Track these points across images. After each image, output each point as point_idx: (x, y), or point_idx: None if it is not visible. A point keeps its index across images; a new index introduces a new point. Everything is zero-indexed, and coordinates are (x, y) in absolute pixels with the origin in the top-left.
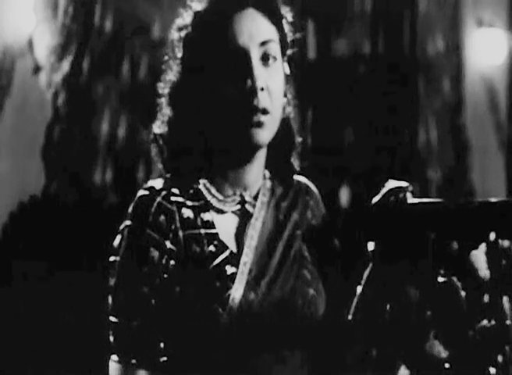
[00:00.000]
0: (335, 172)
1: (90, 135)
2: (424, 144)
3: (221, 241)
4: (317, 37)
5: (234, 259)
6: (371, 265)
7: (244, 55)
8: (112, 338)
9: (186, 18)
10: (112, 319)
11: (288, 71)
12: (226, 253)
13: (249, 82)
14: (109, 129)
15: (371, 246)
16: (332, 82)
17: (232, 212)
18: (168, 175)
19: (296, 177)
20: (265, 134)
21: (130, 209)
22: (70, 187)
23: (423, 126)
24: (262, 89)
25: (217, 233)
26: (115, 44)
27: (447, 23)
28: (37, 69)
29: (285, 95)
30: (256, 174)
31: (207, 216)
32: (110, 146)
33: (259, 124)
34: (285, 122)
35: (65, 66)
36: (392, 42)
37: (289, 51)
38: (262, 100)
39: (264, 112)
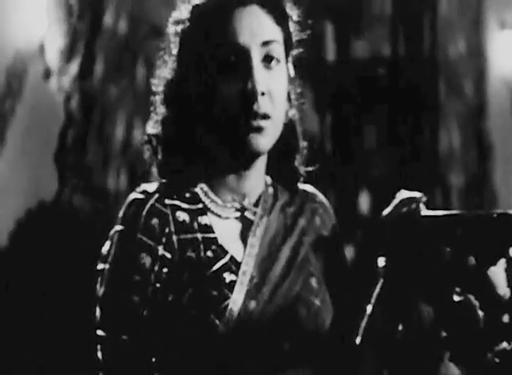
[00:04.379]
0: (354, 177)
1: (103, 139)
2: (445, 148)
3: (220, 246)
4: (336, 39)
5: (234, 266)
6: (381, 281)
7: (245, 54)
8: (99, 354)
9: (183, 11)
10: (100, 332)
11: (292, 73)
12: (226, 259)
13: (249, 85)
14: (124, 133)
15: (381, 261)
16: (351, 85)
17: (232, 218)
18: (163, 180)
19: (303, 186)
20: (265, 141)
21: (121, 213)
22: (83, 193)
23: (445, 130)
24: (263, 94)
25: (216, 238)
26: (129, 47)
27: (469, 24)
28: (48, 73)
29: (288, 98)
30: (256, 181)
31: (204, 220)
32: (124, 151)
33: (259, 129)
34: (288, 125)
35: (77, 69)
36: (412, 44)
37: (294, 52)
38: (263, 105)
39: (265, 117)
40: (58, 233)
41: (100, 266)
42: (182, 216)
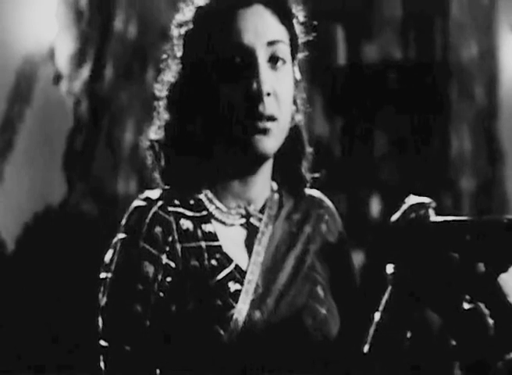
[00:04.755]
0: (364, 182)
1: (113, 144)
2: (456, 152)
3: (224, 254)
4: (346, 42)
5: (239, 275)
6: (389, 289)
7: (250, 54)
8: (102, 365)
9: (186, 13)
10: (103, 343)
11: (298, 76)
12: (231, 267)
13: (254, 85)
14: (133, 138)
15: (389, 268)
16: (362, 89)
17: (237, 225)
18: (166, 186)
19: (309, 191)
20: (271, 143)
21: (123, 221)
22: (92, 198)
23: (455, 134)
24: (269, 94)
25: (220, 246)
26: (139, 51)
27: (480, 28)
28: (58, 77)
29: (294, 102)
30: (261, 186)
31: (208, 228)
32: (134, 155)
33: (264, 131)
34: (294, 130)
35: (87, 74)
36: (423, 48)
37: (300, 55)
38: (268, 106)
39: (271, 118)
40: (65, 238)
41: (102, 275)
42: (186, 223)
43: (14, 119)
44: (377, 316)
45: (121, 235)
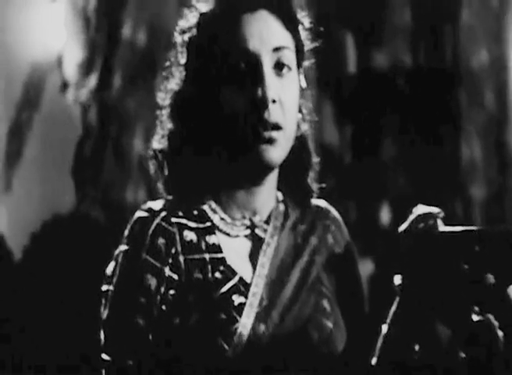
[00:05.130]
0: (374, 190)
1: (121, 152)
2: (467, 160)
3: (228, 267)
4: (356, 50)
5: (243, 287)
6: (397, 300)
7: (255, 61)
8: None
9: (190, 19)
10: (105, 357)
11: (304, 84)
12: (235, 280)
13: (259, 92)
14: (142, 145)
15: (397, 279)
16: (372, 96)
17: (242, 236)
18: (169, 197)
19: (315, 201)
20: (277, 152)
21: (126, 232)
22: (100, 206)
23: (466, 141)
24: (274, 101)
25: (224, 258)
26: (148, 59)
27: (491, 34)
28: (65, 85)
29: (300, 111)
30: (267, 197)
31: (212, 239)
32: (142, 163)
33: (270, 140)
34: (300, 140)
35: (95, 81)
36: (433, 54)
37: (305, 62)
38: (274, 113)
39: (276, 127)
40: (73, 247)
41: (104, 288)
42: (189, 235)
43: (22, 126)
44: (384, 328)
45: (123, 247)
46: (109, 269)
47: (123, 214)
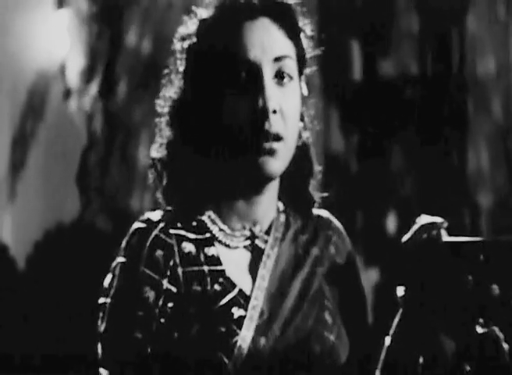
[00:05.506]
0: (381, 198)
1: (127, 160)
2: (474, 168)
3: (228, 279)
4: (362, 57)
5: (243, 300)
6: (400, 312)
7: (255, 71)
8: None
9: (190, 26)
10: (102, 371)
11: (306, 92)
12: (234, 292)
13: (260, 102)
14: (147, 153)
15: (400, 291)
16: (378, 104)
17: (242, 247)
18: (168, 207)
19: (317, 211)
20: (277, 164)
21: (123, 244)
22: (106, 215)
23: (473, 149)
24: (275, 111)
25: (223, 270)
26: (152, 66)
27: (498, 42)
28: (68, 93)
29: (301, 119)
30: (267, 207)
31: (211, 251)
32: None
33: (270, 152)
34: (301, 149)
35: (99, 89)
36: (440, 62)
37: (307, 70)
38: (274, 124)
39: (277, 138)
40: (78, 256)
41: (101, 300)
42: (188, 247)
43: (27, 135)
44: (388, 340)
45: (120, 259)
46: (106, 282)
47: (129, 223)
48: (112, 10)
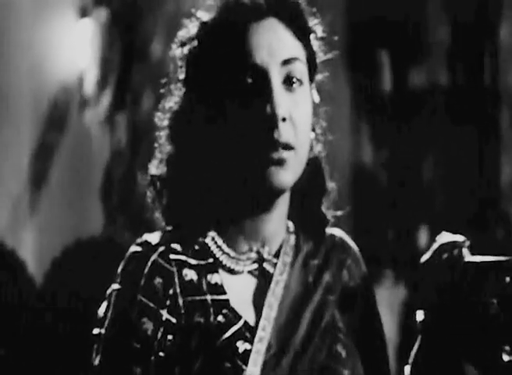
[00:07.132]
0: (412, 212)
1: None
2: (508, 181)
3: (232, 310)
4: (392, 68)
5: (248, 333)
6: (420, 339)
7: (263, 75)
8: None
9: (191, 30)
10: None
11: (317, 99)
12: (239, 324)
13: (268, 110)
14: None
15: (420, 315)
16: (408, 115)
17: (248, 272)
18: (168, 227)
19: (330, 230)
20: (288, 175)
21: (119, 269)
22: (130, 231)
23: (507, 162)
24: (284, 119)
25: (227, 300)
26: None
27: None
28: (85, 104)
29: (313, 130)
30: (277, 226)
31: (215, 278)
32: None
33: (280, 162)
34: (313, 163)
35: (118, 100)
36: (472, 73)
37: (319, 76)
38: (284, 132)
39: (287, 147)
40: (100, 273)
41: (95, 331)
42: (189, 274)
43: (47, 148)
44: (407, 369)
45: (116, 286)
46: (101, 311)
47: None
48: (134, 19)
